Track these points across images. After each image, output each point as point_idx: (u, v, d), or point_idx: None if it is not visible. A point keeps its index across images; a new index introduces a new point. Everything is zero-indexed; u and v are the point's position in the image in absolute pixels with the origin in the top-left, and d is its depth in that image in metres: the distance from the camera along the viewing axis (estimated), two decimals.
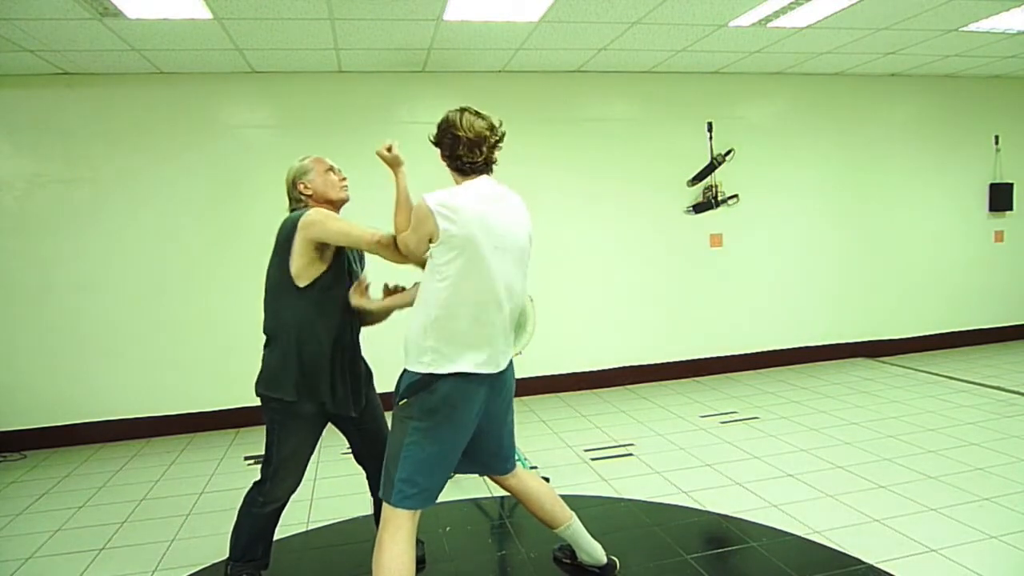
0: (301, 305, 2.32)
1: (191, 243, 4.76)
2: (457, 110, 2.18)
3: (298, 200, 2.46)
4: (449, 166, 2.20)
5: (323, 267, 2.32)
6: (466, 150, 2.14)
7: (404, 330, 2.14)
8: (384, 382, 2.60)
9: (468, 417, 2.13)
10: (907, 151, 6.13)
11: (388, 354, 2.81)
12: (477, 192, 2.12)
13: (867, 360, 6.07)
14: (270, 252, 2.37)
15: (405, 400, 2.09)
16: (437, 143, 2.20)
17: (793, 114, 5.85)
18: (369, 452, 2.55)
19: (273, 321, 2.38)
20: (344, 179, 2.51)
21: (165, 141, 4.70)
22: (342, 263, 2.39)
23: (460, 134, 2.13)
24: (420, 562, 2.12)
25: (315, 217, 2.28)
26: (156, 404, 4.81)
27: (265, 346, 2.40)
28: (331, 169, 2.49)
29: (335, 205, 2.48)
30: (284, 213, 2.44)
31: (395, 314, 2.42)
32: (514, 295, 2.17)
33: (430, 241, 2.06)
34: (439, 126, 2.19)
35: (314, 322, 2.32)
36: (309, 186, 2.44)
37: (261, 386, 2.38)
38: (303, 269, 2.30)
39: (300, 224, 2.28)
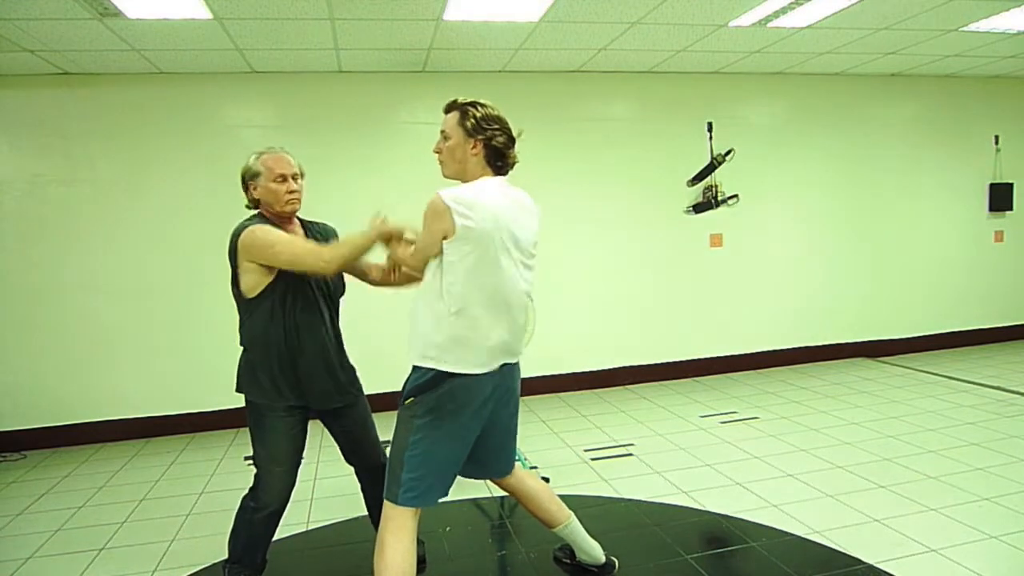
0: (256, 316, 2.29)
1: (191, 243, 4.75)
2: (482, 103, 2.10)
3: (253, 202, 2.34)
4: (487, 162, 2.10)
5: (270, 277, 2.24)
6: (512, 146, 2.12)
7: (407, 327, 2.12)
8: (384, 382, 2.60)
9: (474, 415, 2.11)
10: (907, 151, 6.12)
11: (388, 354, 2.82)
12: (492, 190, 2.08)
13: (867, 360, 6.07)
14: None
15: (412, 399, 2.08)
16: (487, 139, 2.07)
17: (793, 114, 5.85)
18: (353, 453, 2.53)
19: (240, 329, 2.38)
20: (294, 191, 2.30)
21: (165, 141, 4.69)
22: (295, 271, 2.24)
23: (508, 131, 2.11)
24: (421, 562, 2.12)
25: (252, 241, 2.19)
26: (156, 404, 4.81)
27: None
28: (283, 177, 2.27)
29: (281, 217, 2.32)
30: None
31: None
32: (521, 294, 2.14)
33: (443, 239, 1.98)
34: (487, 121, 2.07)
35: (268, 334, 2.28)
36: (255, 192, 2.31)
37: (238, 387, 2.40)
38: (251, 284, 2.25)
39: (239, 245, 2.21)
